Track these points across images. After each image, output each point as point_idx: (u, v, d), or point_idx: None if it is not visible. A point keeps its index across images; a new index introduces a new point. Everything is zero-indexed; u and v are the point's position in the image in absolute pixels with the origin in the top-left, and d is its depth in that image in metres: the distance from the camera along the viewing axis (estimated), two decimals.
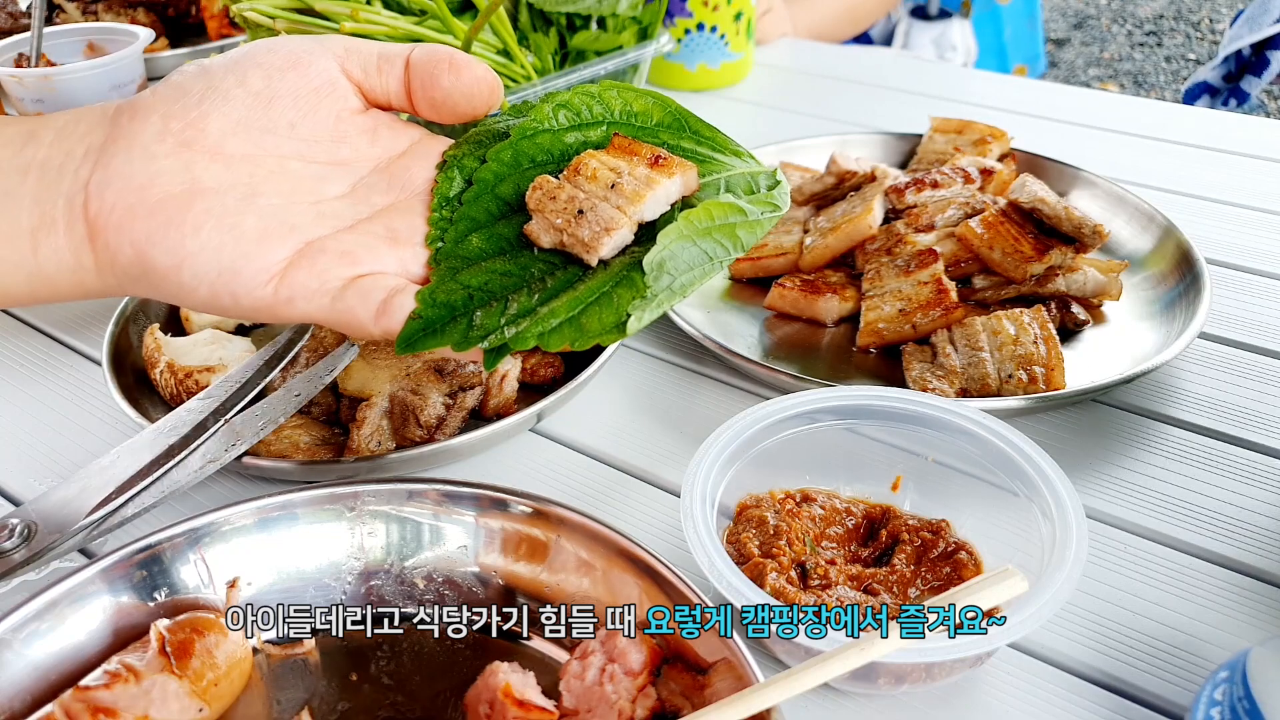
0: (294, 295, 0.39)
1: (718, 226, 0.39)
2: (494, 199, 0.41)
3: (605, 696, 0.45)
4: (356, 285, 0.39)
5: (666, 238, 0.38)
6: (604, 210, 0.39)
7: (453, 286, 0.39)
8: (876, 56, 1.47)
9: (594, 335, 0.37)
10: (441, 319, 0.38)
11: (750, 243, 0.40)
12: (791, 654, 0.50)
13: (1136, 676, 0.51)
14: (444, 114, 0.44)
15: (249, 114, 0.42)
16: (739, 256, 0.40)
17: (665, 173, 0.40)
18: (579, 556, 0.51)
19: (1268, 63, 1.78)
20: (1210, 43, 3.90)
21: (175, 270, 0.40)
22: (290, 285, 0.39)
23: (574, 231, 0.39)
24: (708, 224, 0.39)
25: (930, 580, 0.54)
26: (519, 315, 0.37)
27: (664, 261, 0.37)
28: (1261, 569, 0.57)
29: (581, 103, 0.44)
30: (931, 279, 0.76)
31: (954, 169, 0.87)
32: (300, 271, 0.40)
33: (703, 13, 1.22)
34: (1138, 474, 0.64)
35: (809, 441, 0.59)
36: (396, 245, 0.41)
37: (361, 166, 0.44)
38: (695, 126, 0.44)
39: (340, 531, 0.53)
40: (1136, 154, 1.08)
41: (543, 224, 0.40)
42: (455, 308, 0.38)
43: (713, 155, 0.44)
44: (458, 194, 0.42)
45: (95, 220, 0.41)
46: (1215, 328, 0.78)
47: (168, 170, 0.41)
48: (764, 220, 0.41)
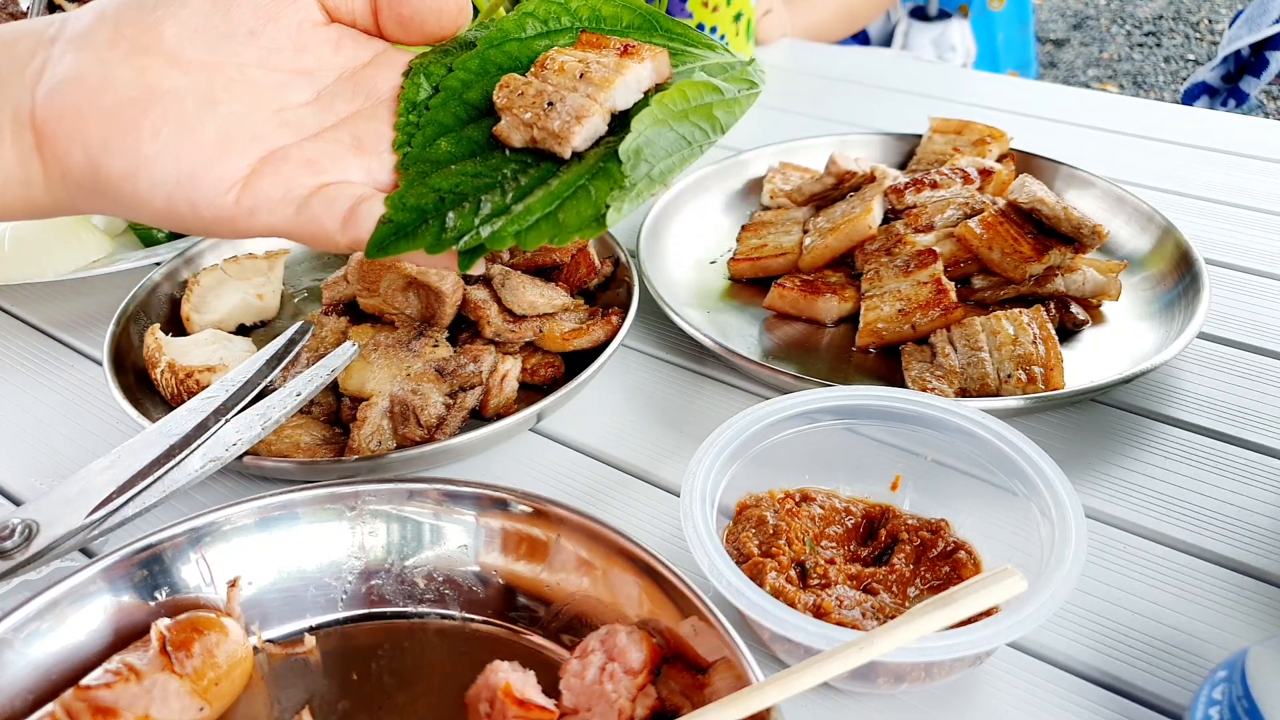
0: (256, 205, 0.38)
1: (694, 108, 0.38)
2: (462, 104, 0.40)
3: (605, 695, 0.45)
4: (322, 194, 0.38)
5: (641, 123, 0.36)
6: (573, 100, 0.37)
7: (422, 190, 0.37)
8: (876, 57, 1.48)
9: (572, 230, 0.36)
10: (412, 223, 0.37)
11: (729, 123, 0.38)
12: (791, 653, 0.50)
13: (1135, 676, 0.51)
14: (411, 32, 0.43)
15: (207, 20, 0.40)
16: (717, 140, 0.38)
17: (635, 58, 0.39)
18: (579, 556, 0.51)
19: (1267, 63, 1.78)
20: (1209, 43, 3.91)
21: (130, 178, 0.38)
22: (253, 194, 0.38)
23: (544, 124, 0.37)
24: (683, 105, 0.37)
25: (929, 580, 0.54)
26: (493, 215, 0.36)
27: (640, 148, 0.36)
28: (1260, 568, 0.57)
29: (548, 11, 0.42)
30: (931, 279, 0.76)
31: (953, 169, 0.87)
32: (263, 180, 0.38)
33: (702, 13, 1.22)
34: (1137, 474, 0.65)
35: (808, 441, 0.59)
36: (363, 154, 0.40)
37: (325, 75, 0.43)
38: (666, 25, 0.43)
39: (341, 531, 0.53)
40: (1135, 154, 1.08)
41: (512, 122, 0.39)
42: (426, 211, 0.37)
43: (685, 48, 0.42)
44: (424, 100, 0.40)
45: (44, 127, 0.39)
46: (1214, 328, 0.78)
47: (122, 76, 0.39)
48: (741, 98, 0.39)
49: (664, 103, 0.37)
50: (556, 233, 0.36)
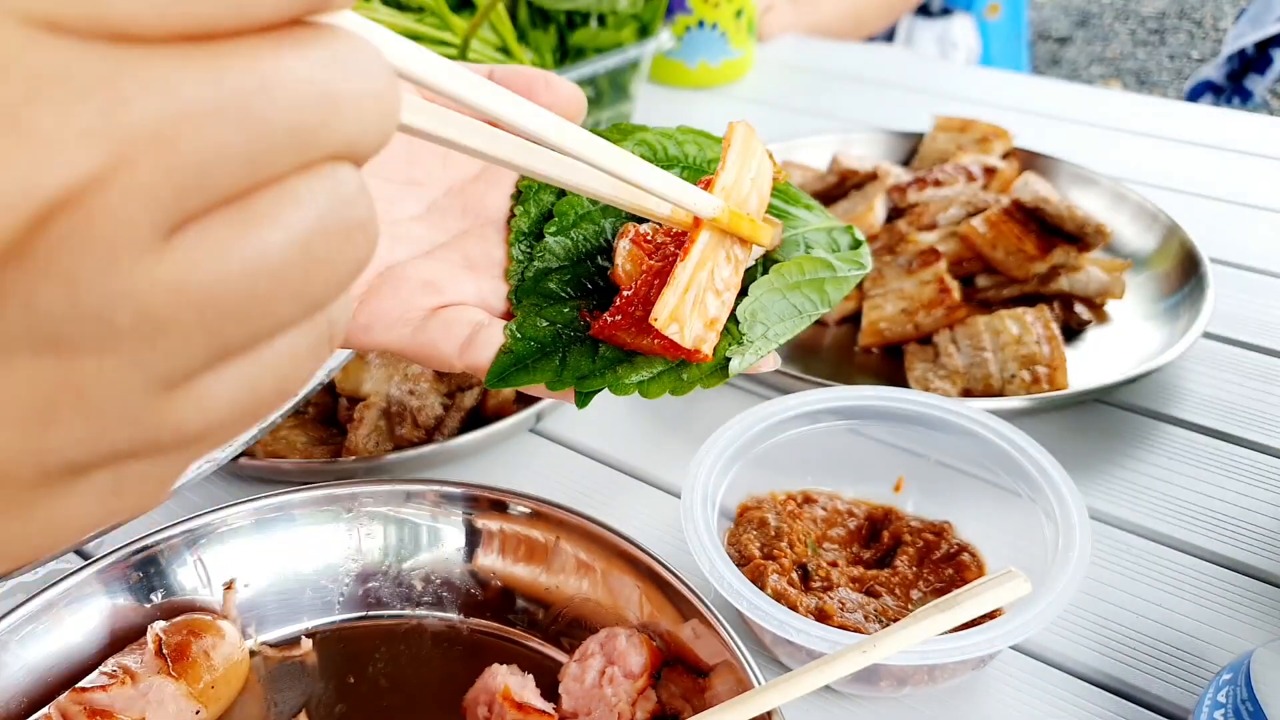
0: (372, 323, 0.37)
1: (807, 281, 0.40)
2: (570, 239, 0.41)
3: (605, 699, 0.45)
4: (439, 316, 0.38)
5: (758, 289, 0.38)
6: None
7: (539, 322, 0.38)
8: (878, 54, 1.47)
9: (693, 382, 0.38)
10: (531, 354, 0.37)
11: (837, 299, 0.40)
12: (793, 656, 0.50)
13: (1140, 678, 0.51)
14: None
15: None
16: (825, 312, 0.40)
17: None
18: (578, 558, 0.51)
19: (1271, 61, 1.78)
20: (1214, 41, 3.90)
21: None
22: (369, 312, 0.37)
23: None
24: (798, 278, 0.39)
25: (933, 582, 0.54)
26: (614, 362, 0.37)
27: (756, 312, 0.38)
28: (1266, 570, 0.57)
29: (658, 142, 0.44)
30: (934, 278, 0.75)
31: (956, 167, 0.87)
32: (381, 299, 0.38)
33: (703, 9, 1.22)
34: (1142, 475, 0.64)
35: (810, 442, 0.58)
36: (475, 273, 0.40)
37: (434, 189, 0.42)
38: (783, 190, 0.45)
39: (338, 533, 0.53)
40: (1140, 152, 1.08)
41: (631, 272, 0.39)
42: (545, 344, 0.38)
43: (785, 208, 0.44)
44: (533, 229, 0.41)
45: None
46: (1219, 327, 0.78)
47: None
48: (851, 278, 0.41)
49: (781, 273, 0.39)
50: (678, 385, 0.38)
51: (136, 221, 0.15)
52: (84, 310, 0.15)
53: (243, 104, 0.16)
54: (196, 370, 0.17)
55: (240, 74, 0.16)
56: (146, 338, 0.16)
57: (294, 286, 0.17)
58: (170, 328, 0.16)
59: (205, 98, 0.15)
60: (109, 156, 0.15)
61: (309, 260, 0.17)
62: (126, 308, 0.16)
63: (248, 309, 0.17)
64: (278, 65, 0.16)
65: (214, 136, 0.15)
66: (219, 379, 0.18)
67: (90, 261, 0.15)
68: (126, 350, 0.16)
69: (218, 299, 0.16)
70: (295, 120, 0.16)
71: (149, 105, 0.15)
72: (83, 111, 0.14)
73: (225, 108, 0.15)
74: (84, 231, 0.15)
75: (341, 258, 0.18)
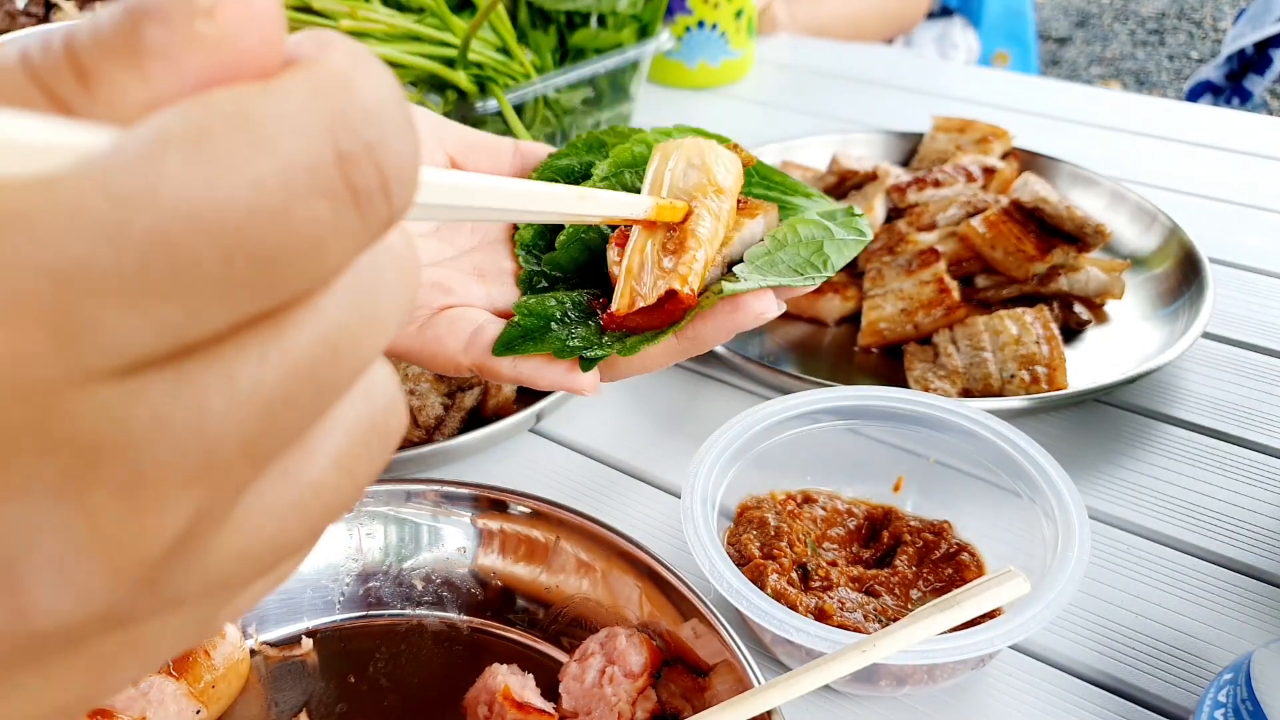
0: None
1: (804, 244, 0.40)
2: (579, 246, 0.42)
3: (605, 698, 0.45)
4: (445, 315, 0.38)
5: (756, 253, 0.39)
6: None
7: (547, 301, 0.39)
8: (878, 54, 1.47)
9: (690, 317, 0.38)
10: (539, 328, 0.38)
11: (838, 263, 0.40)
12: (793, 656, 0.50)
13: (1139, 678, 0.51)
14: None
15: None
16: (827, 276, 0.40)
17: (749, 215, 0.40)
18: (579, 557, 0.51)
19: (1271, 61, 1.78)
20: (1213, 41, 3.90)
21: None
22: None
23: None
24: (795, 239, 0.40)
25: (932, 582, 0.54)
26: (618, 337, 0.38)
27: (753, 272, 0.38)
28: (1266, 570, 0.57)
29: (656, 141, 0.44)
30: (933, 278, 0.75)
31: (956, 168, 0.87)
32: None
33: (703, 10, 1.22)
34: (1141, 475, 0.64)
35: (810, 442, 0.58)
36: (484, 281, 0.41)
37: None
38: (764, 172, 0.45)
39: (338, 532, 0.53)
40: (1139, 153, 1.08)
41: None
42: (552, 317, 0.39)
43: (784, 198, 0.44)
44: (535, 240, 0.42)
45: None
46: (1218, 327, 0.78)
47: None
48: (851, 242, 0.41)
49: (777, 237, 0.39)
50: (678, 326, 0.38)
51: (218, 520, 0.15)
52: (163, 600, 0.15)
53: (314, 375, 0.15)
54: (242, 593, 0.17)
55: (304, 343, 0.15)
56: (210, 597, 0.16)
57: (339, 506, 0.17)
58: (233, 583, 0.16)
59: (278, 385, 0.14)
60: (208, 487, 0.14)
61: (352, 477, 0.17)
62: (200, 585, 0.15)
63: (299, 539, 0.17)
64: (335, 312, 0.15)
65: (291, 417, 0.15)
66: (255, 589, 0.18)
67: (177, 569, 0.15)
68: (190, 609, 0.16)
69: (277, 544, 0.16)
70: (355, 360, 0.16)
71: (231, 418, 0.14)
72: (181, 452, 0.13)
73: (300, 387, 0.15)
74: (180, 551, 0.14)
75: (379, 461, 0.18)
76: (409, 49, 0.84)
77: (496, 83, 0.88)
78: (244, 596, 0.18)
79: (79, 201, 0.12)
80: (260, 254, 0.13)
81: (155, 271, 0.12)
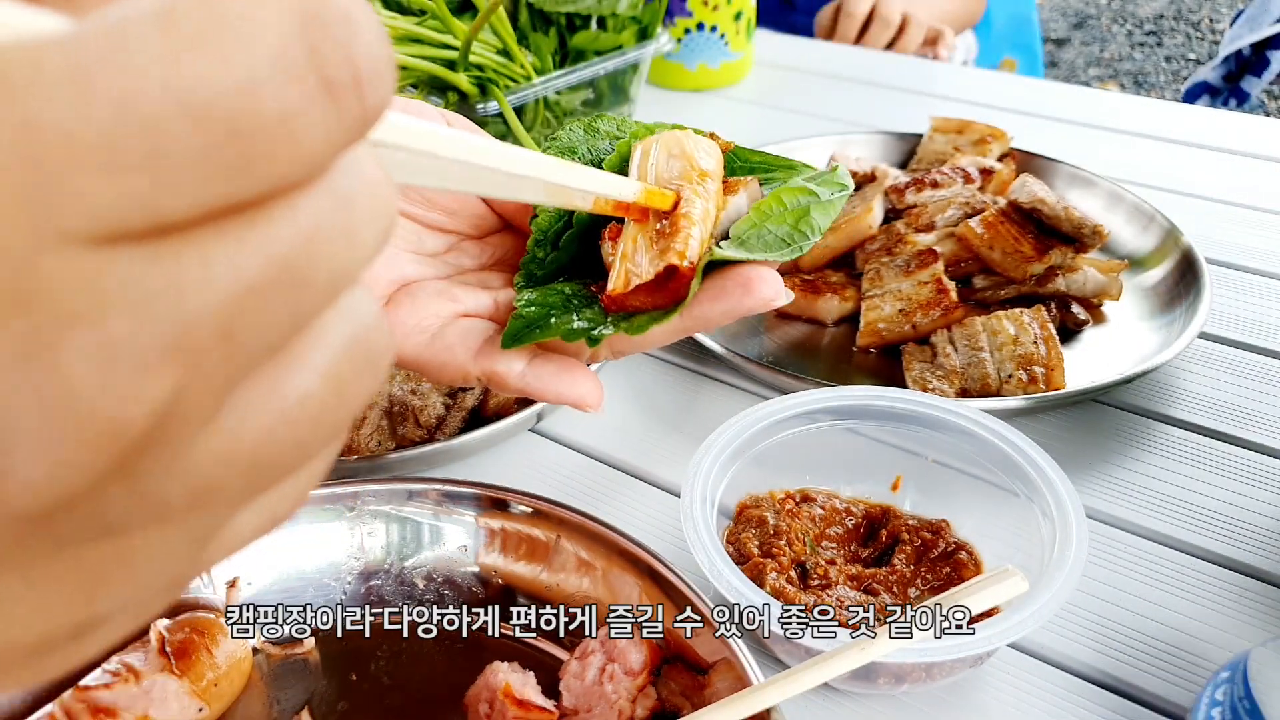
0: (390, 331, 0.37)
1: (790, 212, 0.40)
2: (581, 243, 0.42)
3: (605, 696, 0.45)
4: (456, 324, 0.38)
5: (742, 226, 0.39)
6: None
7: (548, 291, 0.40)
8: (876, 56, 1.47)
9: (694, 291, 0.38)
10: (542, 315, 0.38)
11: (824, 226, 0.40)
12: (791, 654, 0.50)
13: (1137, 677, 0.51)
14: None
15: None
16: (815, 240, 0.40)
17: (732, 192, 0.41)
18: (579, 556, 0.51)
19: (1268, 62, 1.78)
20: (1210, 42, 3.90)
21: None
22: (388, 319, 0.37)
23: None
24: (780, 209, 0.40)
25: (930, 580, 0.54)
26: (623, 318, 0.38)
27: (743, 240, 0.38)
28: (1262, 569, 0.57)
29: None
30: (931, 279, 0.76)
31: (954, 169, 0.87)
32: (400, 307, 0.38)
33: (703, 12, 1.22)
34: (1138, 474, 0.64)
35: (809, 441, 0.59)
36: (491, 292, 0.41)
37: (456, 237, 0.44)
38: (744, 155, 0.45)
39: (340, 531, 0.53)
40: (1137, 154, 1.08)
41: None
42: (555, 307, 0.39)
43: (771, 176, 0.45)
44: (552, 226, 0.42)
45: None
46: (1215, 328, 0.78)
47: None
48: (835, 199, 0.41)
49: (762, 209, 0.39)
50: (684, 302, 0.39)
51: (201, 414, 0.15)
52: (146, 500, 0.15)
53: (289, 269, 0.15)
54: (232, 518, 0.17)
55: (281, 238, 0.15)
56: (196, 507, 0.15)
57: (328, 424, 0.17)
58: (218, 493, 0.16)
59: (254, 273, 0.14)
60: (184, 367, 0.14)
61: (340, 396, 0.17)
62: (183, 488, 0.15)
63: (287, 455, 0.16)
64: (312, 213, 0.15)
65: (269, 310, 0.15)
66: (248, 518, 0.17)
67: (158, 460, 0.14)
68: (177, 521, 0.15)
69: (263, 455, 0.16)
70: (332, 268, 0.16)
71: (207, 299, 0.14)
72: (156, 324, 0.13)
73: (275, 279, 0.15)
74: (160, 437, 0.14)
75: (368, 383, 0.18)
76: (410, 51, 0.85)
77: (497, 84, 0.88)
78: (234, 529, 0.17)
79: (46, 64, 0.12)
80: (231, 130, 0.13)
81: (123, 138, 0.13)
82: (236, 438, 0.15)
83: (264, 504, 0.18)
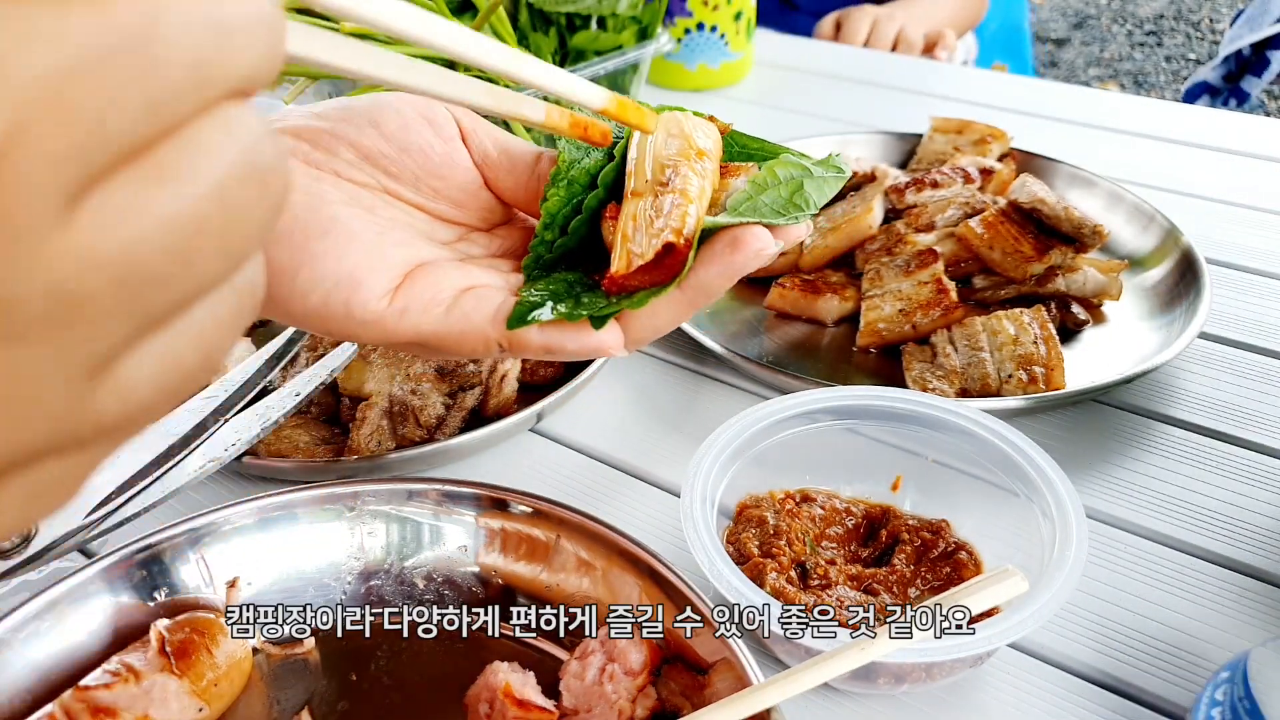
0: (408, 305, 0.38)
1: (784, 183, 0.40)
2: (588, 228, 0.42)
3: (605, 696, 0.45)
4: (472, 293, 0.39)
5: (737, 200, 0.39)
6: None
7: (550, 280, 0.40)
8: (876, 56, 1.47)
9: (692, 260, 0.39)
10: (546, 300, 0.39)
11: (819, 201, 0.41)
12: (792, 654, 0.50)
13: (1137, 677, 0.51)
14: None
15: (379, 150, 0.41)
16: (810, 214, 0.40)
17: (732, 175, 0.41)
18: (579, 556, 0.51)
19: (1268, 62, 1.78)
20: (1210, 42, 3.90)
21: (291, 272, 0.38)
22: (405, 295, 0.38)
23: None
24: (775, 182, 0.40)
25: (930, 580, 0.54)
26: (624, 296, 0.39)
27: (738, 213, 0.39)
28: (1262, 569, 0.57)
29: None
30: (931, 279, 0.76)
31: (954, 169, 0.87)
32: (416, 283, 0.39)
33: (703, 12, 1.22)
34: (1138, 474, 0.64)
35: (809, 441, 0.59)
36: (502, 274, 0.42)
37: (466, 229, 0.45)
38: (741, 141, 0.46)
39: (340, 531, 0.53)
40: (1137, 154, 1.08)
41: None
42: (559, 294, 0.39)
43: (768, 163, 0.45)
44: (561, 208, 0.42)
45: None
46: (1215, 327, 0.78)
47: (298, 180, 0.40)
48: (830, 179, 0.41)
49: (756, 181, 0.40)
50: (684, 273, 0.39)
51: (39, 192, 0.13)
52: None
53: (137, 43, 0.14)
54: (118, 350, 0.16)
55: (129, 9, 0.14)
56: (62, 320, 0.14)
57: (213, 240, 0.16)
58: (87, 304, 0.14)
59: (97, 41, 0.14)
60: (6, 125, 0.13)
61: (225, 210, 0.16)
62: (37, 288, 0.14)
63: (168, 271, 0.15)
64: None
65: (111, 83, 0.14)
66: (141, 358, 0.16)
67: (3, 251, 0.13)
68: (41, 336, 0.14)
69: (135, 264, 0.15)
70: (191, 56, 0.15)
71: (39, 60, 0.13)
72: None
73: (119, 50, 0.14)
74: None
75: (257, 204, 0.17)
76: (410, 51, 0.85)
77: (497, 84, 0.88)
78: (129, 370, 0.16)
79: None
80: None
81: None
82: (98, 238, 0.14)
83: (161, 344, 0.16)
